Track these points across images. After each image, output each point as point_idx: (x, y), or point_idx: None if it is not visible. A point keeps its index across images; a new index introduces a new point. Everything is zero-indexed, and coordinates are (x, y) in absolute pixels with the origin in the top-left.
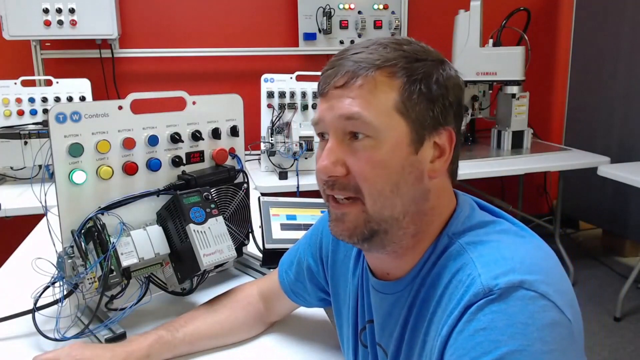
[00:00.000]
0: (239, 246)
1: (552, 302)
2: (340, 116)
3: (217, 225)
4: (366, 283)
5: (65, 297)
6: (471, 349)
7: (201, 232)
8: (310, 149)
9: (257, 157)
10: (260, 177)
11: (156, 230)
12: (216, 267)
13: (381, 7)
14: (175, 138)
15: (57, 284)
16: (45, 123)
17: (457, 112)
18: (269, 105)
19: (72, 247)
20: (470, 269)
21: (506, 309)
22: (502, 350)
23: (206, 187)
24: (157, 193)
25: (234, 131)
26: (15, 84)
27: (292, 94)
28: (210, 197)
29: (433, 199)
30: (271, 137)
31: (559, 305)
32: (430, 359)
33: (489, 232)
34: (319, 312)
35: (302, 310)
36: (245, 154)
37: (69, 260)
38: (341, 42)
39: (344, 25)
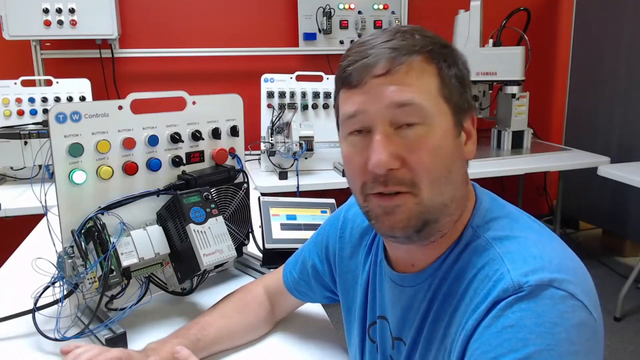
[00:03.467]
0: (239, 246)
1: (581, 302)
2: (390, 105)
3: (217, 225)
4: (379, 278)
5: (65, 297)
6: (498, 346)
7: (201, 232)
8: (310, 149)
9: (257, 157)
10: (260, 177)
11: (156, 230)
12: (216, 267)
13: (381, 7)
14: (175, 138)
15: (57, 284)
16: (45, 123)
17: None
18: (269, 105)
19: (72, 247)
20: (498, 264)
21: (535, 308)
22: (529, 349)
23: (206, 187)
24: (157, 193)
25: (234, 131)
26: (15, 84)
27: (292, 94)
28: (210, 197)
29: (468, 182)
30: (271, 137)
31: (586, 305)
32: (450, 352)
33: (513, 227)
34: (320, 311)
35: (304, 310)
36: (245, 154)
37: (69, 260)
38: (341, 42)
39: (344, 25)
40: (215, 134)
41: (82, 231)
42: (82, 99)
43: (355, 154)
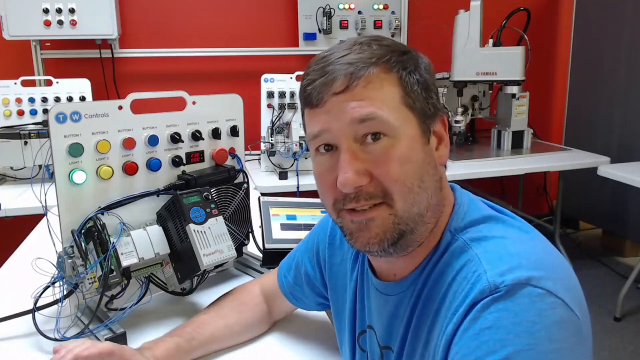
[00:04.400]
0: (239, 246)
1: (560, 298)
2: (352, 121)
3: (217, 225)
4: (366, 286)
5: (65, 297)
6: (476, 348)
7: (201, 232)
8: None
9: (257, 157)
10: (260, 177)
11: (156, 230)
12: (216, 267)
13: (381, 7)
14: (175, 138)
15: (57, 284)
16: (45, 123)
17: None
18: (269, 105)
19: (72, 247)
20: (476, 265)
21: (512, 307)
22: (508, 350)
23: (206, 187)
24: (157, 193)
25: (234, 131)
26: (15, 84)
27: (292, 94)
28: (210, 197)
29: (443, 187)
30: (271, 137)
31: (567, 302)
32: (433, 357)
33: (492, 227)
34: (320, 312)
35: (304, 311)
36: (245, 154)
37: (69, 260)
38: (341, 42)
39: (344, 25)
40: (215, 134)
41: (82, 231)
42: (82, 99)
43: (324, 173)
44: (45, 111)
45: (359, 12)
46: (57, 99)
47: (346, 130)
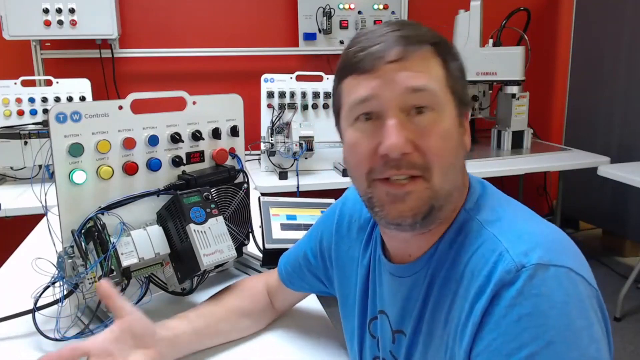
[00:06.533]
0: (239, 246)
1: (580, 275)
2: (406, 89)
3: (217, 225)
4: (378, 272)
5: (65, 297)
6: (518, 335)
7: (201, 232)
8: (310, 148)
9: (257, 157)
10: (260, 177)
11: (156, 230)
12: (216, 267)
13: (381, 7)
14: (175, 138)
15: (57, 284)
16: (45, 123)
17: None
18: (269, 105)
19: (72, 247)
20: (494, 244)
21: (545, 291)
22: (550, 334)
23: (206, 187)
24: (157, 193)
25: (234, 131)
26: (15, 84)
27: (292, 94)
28: (210, 197)
29: (466, 172)
30: (271, 137)
31: (585, 277)
32: (454, 337)
33: (505, 208)
34: (319, 309)
35: (302, 308)
36: (245, 154)
37: (69, 260)
38: (341, 42)
39: (344, 25)
40: (216, 134)
41: (82, 231)
42: (82, 99)
43: (363, 139)
44: (45, 111)
45: (359, 12)
46: (57, 99)
47: (396, 98)
